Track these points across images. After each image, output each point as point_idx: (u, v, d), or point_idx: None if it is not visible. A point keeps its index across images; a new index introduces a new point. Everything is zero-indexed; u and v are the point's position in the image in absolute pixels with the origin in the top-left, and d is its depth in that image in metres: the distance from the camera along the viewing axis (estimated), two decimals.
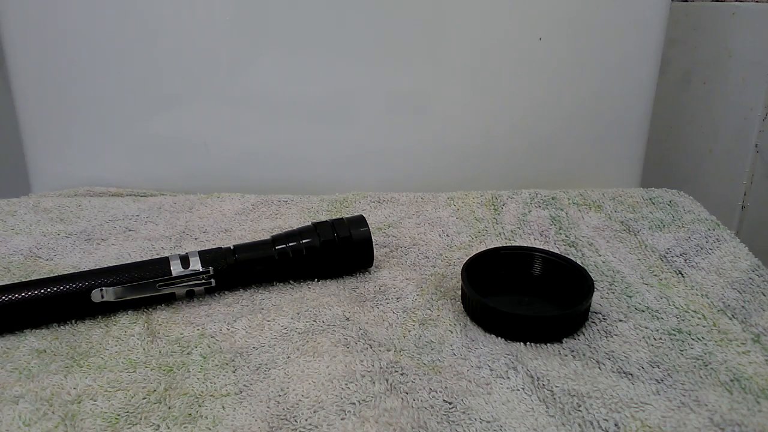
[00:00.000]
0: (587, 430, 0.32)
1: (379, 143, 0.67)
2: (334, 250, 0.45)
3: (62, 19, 0.61)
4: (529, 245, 0.51)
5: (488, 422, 0.32)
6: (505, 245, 0.49)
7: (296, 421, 0.32)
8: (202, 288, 0.44)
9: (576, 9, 0.62)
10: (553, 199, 0.60)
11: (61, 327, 0.41)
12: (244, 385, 0.35)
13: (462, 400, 0.34)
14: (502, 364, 0.37)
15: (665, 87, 0.76)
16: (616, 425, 0.32)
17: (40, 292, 0.40)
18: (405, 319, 0.42)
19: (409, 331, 0.40)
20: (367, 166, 0.67)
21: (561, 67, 0.65)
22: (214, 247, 0.45)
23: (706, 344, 0.38)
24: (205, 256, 0.44)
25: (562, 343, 0.39)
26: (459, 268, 0.44)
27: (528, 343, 0.39)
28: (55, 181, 0.67)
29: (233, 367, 0.37)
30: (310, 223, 0.47)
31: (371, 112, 0.65)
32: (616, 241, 0.52)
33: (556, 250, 0.50)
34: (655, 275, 0.46)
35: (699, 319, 0.41)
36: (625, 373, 0.36)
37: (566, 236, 0.53)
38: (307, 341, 0.39)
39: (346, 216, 0.48)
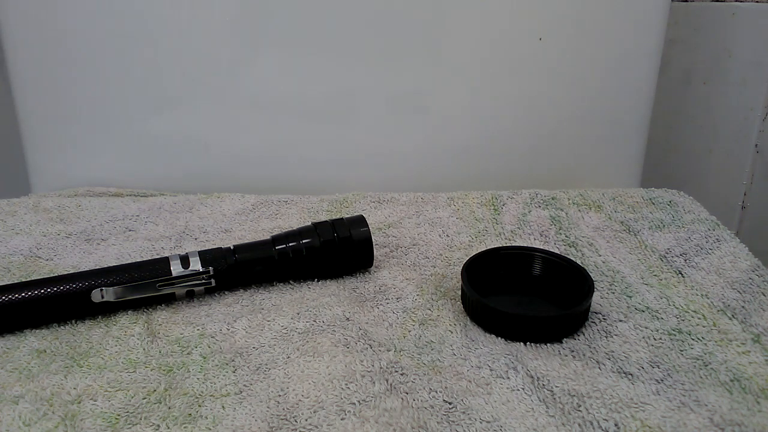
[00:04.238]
0: (587, 430, 0.32)
1: (379, 143, 0.67)
2: (334, 250, 0.45)
3: (62, 19, 0.61)
4: (529, 245, 0.51)
5: (488, 422, 0.32)
6: (505, 245, 0.49)
7: (296, 421, 0.32)
8: (202, 288, 0.44)
9: (576, 9, 0.62)
10: (553, 199, 0.60)
11: (61, 327, 0.41)
12: (244, 385, 0.35)
13: (462, 400, 0.34)
14: (502, 364, 0.37)
15: (665, 87, 0.76)
16: (616, 425, 0.32)
17: (40, 292, 0.40)
18: (405, 319, 0.42)
19: (409, 331, 0.40)
20: (367, 166, 0.67)
21: (561, 67, 0.65)
22: (214, 247, 0.45)
23: (706, 344, 0.38)
24: (205, 256, 0.44)
25: (562, 343, 0.39)
26: (459, 268, 0.44)
27: (528, 343, 0.39)
28: (55, 181, 0.67)
29: (233, 367, 0.37)
30: (310, 223, 0.47)
31: (371, 112, 0.65)
32: (616, 241, 0.52)
33: (556, 250, 0.50)
34: (655, 275, 0.46)
35: (699, 319, 0.41)
36: (625, 373, 0.36)
37: (566, 236, 0.53)
38: (307, 341, 0.39)
39: (346, 216, 0.48)
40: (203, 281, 0.43)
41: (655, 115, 0.69)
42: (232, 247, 0.45)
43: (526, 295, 0.44)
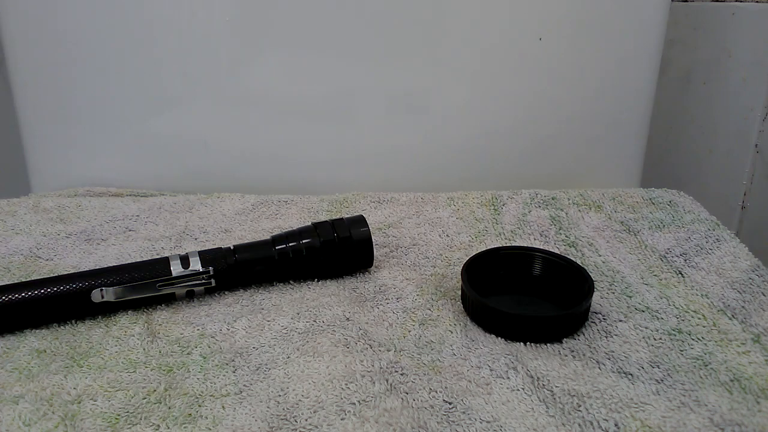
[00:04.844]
0: (587, 430, 0.32)
1: (379, 143, 0.67)
2: (334, 250, 0.45)
3: (62, 19, 0.61)
4: (529, 245, 0.51)
5: (488, 422, 0.32)
6: (505, 245, 0.49)
7: (296, 421, 0.32)
8: (202, 288, 0.44)
9: (576, 9, 0.62)
10: (553, 199, 0.60)
11: (61, 327, 0.41)
12: (244, 385, 0.35)
13: (462, 400, 0.34)
14: (502, 364, 0.36)
15: (665, 87, 0.76)
16: (616, 425, 0.32)
17: (40, 292, 0.40)
18: (405, 319, 0.42)
19: (409, 331, 0.40)
20: (367, 166, 0.67)
21: (561, 67, 0.65)
22: (214, 247, 0.45)
23: (706, 344, 0.38)
24: (205, 256, 0.44)
25: (562, 343, 0.39)
26: (459, 268, 0.44)
27: (528, 343, 0.39)
28: (55, 181, 0.67)
29: (233, 367, 0.37)
30: (310, 223, 0.47)
31: (371, 112, 0.65)
32: (616, 241, 0.52)
33: (556, 250, 0.50)
34: (655, 275, 0.46)
35: (699, 319, 0.41)
36: (625, 373, 0.36)
37: (566, 236, 0.53)
38: (307, 341, 0.39)
39: (346, 216, 0.48)
40: (203, 281, 0.43)
41: (655, 115, 0.69)
42: (232, 247, 0.45)
43: (526, 295, 0.44)
